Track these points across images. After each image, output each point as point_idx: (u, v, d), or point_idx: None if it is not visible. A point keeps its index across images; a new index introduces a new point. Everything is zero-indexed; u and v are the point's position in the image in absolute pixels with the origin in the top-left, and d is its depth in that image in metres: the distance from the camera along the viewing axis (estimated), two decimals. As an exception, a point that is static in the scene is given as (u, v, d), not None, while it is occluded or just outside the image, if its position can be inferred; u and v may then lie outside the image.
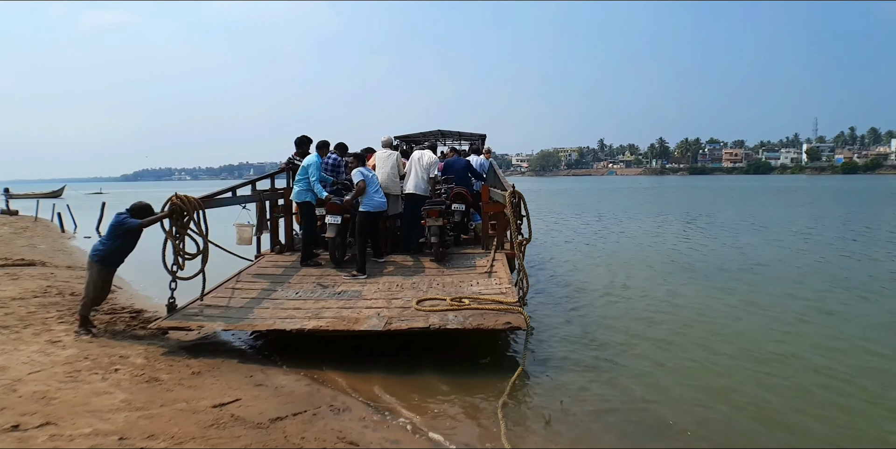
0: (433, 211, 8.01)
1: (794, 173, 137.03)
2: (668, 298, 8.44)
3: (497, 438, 3.98)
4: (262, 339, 6.31)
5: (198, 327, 5.70)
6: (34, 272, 9.57)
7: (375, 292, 6.74)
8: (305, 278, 7.39)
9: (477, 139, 14.18)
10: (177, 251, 6.09)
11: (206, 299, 6.35)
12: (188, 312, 5.99)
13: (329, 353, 5.74)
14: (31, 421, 3.61)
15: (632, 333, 6.62)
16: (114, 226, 5.96)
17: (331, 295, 6.63)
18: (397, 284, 7.07)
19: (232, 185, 8.06)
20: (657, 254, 12.89)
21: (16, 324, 6.04)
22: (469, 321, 5.57)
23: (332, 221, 7.71)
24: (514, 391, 4.78)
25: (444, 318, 5.67)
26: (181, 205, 6.08)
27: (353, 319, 5.70)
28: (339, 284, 7.12)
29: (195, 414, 3.96)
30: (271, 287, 6.96)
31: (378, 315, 5.79)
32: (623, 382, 5.13)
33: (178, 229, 6.11)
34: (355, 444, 3.75)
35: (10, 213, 25.42)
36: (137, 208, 6.07)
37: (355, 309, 6.08)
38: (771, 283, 9.39)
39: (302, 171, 7.93)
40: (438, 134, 14.15)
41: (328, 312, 5.95)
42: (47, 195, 46.82)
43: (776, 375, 5.30)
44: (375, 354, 5.69)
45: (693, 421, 4.34)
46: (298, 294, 6.68)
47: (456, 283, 7.08)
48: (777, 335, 6.50)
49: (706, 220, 21.60)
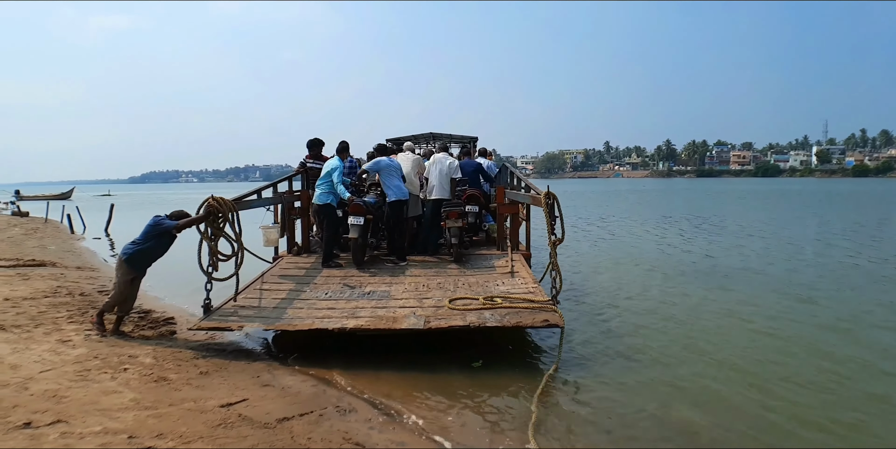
0: (453, 212, 8.18)
1: (804, 176, 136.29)
2: (689, 300, 8.43)
3: (505, 441, 4.01)
4: (269, 339, 6.37)
5: (238, 327, 5.71)
6: (45, 273, 9.66)
7: (404, 292, 6.82)
8: (330, 279, 7.45)
9: (468, 142, 14.16)
10: (212, 252, 6.13)
11: (237, 300, 6.41)
12: (224, 313, 6.03)
13: (336, 353, 5.79)
14: (43, 419, 3.66)
15: (657, 335, 6.63)
16: (150, 227, 5.96)
17: (360, 295, 6.70)
18: (424, 285, 7.16)
19: (257, 188, 8.16)
20: (668, 256, 12.86)
21: (27, 323, 6.11)
22: (507, 319, 5.70)
23: (356, 222, 7.82)
24: (544, 392, 4.80)
25: (481, 316, 5.77)
26: (218, 207, 6.14)
27: (391, 318, 5.78)
28: (366, 284, 7.20)
29: (203, 413, 4.00)
30: (298, 288, 7.02)
31: (414, 314, 5.87)
32: (654, 386, 5.08)
33: (214, 231, 6.17)
34: (361, 445, 3.78)
35: (21, 215, 25.63)
36: (176, 215, 6.12)
37: (390, 308, 6.15)
38: (791, 285, 9.33)
39: (325, 175, 8.03)
40: (430, 136, 14.19)
41: (364, 312, 6.03)
42: (57, 197, 47.10)
43: (813, 386, 5.13)
44: (382, 355, 5.73)
45: (720, 427, 4.30)
46: (328, 294, 6.75)
47: (481, 283, 7.19)
48: (810, 344, 6.39)
49: (726, 223, 21.51)
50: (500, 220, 9.09)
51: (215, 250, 6.15)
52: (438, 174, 8.79)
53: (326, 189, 8.00)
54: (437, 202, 8.76)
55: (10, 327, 5.88)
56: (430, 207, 8.84)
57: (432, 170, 8.87)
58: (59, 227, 21.09)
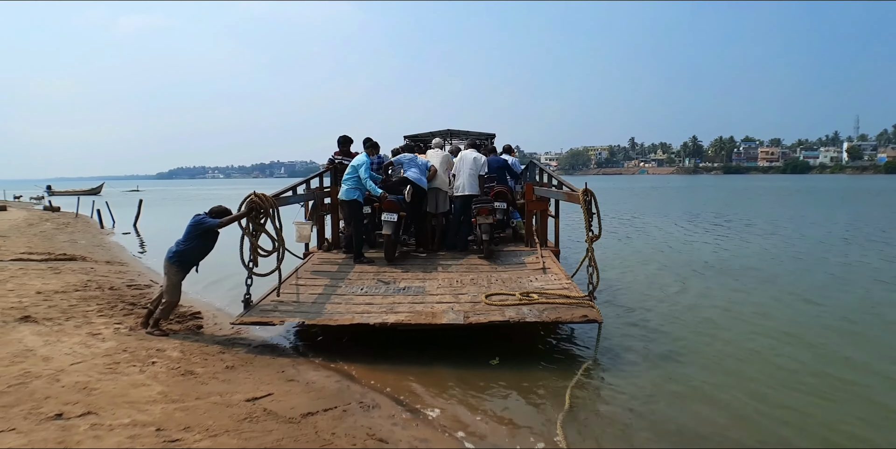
0: (484, 209, 8.22)
1: (834, 173, 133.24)
2: (721, 300, 8.29)
3: (529, 440, 3.99)
4: (294, 334, 6.43)
5: (279, 322, 5.76)
6: (75, 267, 9.85)
7: (439, 288, 6.85)
8: (364, 275, 7.51)
9: (485, 138, 14.14)
10: (253, 248, 6.17)
11: (277, 295, 6.47)
12: (264, 308, 6.08)
13: (360, 349, 5.83)
14: (74, 410, 3.72)
15: (690, 335, 6.54)
16: (192, 226, 5.96)
17: (396, 291, 6.74)
18: (457, 280, 7.19)
19: (292, 184, 8.29)
20: (697, 255, 12.68)
21: (58, 316, 6.24)
22: (545, 315, 5.73)
23: (389, 219, 7.92)
24: (576, 387, 4.80)
25: (520, 311, 5.80)
26: (260, 203, 6.20)
27: (430, 313, 5.83)
28: (400, 280, 7.24)
29: (229, 407, 4.04)
30: (333, 283, 7.07)
31: (452, 309, 5.92)
32: (686, 388, 4.98)
33: (256, 227, 6.22)
34: (385, 441, 3.78)
35: (53, 210, 26.22)
36: (217, 212, 6.12)
37: (427, 304, 6.19)
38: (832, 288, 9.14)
39: (351, 171, 8.07)
40: (447, 133, 14.19)
41: (402, 308, 6.06)
42: (87, 192, 48.08)
43: (851, 390, 4.98)
44: (404, 351, 5.74)
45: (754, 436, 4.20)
46: (364, 290, 6.80)
47: (514, 278, 7.21)
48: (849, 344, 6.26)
49: (755, 221, 21.17)
50: (529, 217, 9.11)
51: (256, 246, 6.20)
52: (467, 171, 8.77)
53: (353, 184, 8.04)
54: (466, 198, 8.77)
55: (43, 320, 6.01)
56: (459, 204, 8.85)
57: (460, 166, 8.86)
58: (89, 222, 21.51)
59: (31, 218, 20.52)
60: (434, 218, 9.17)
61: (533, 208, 8.94)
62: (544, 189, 9.00)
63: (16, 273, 8.60)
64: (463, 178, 8.76)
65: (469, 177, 8.74)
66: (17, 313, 6.14)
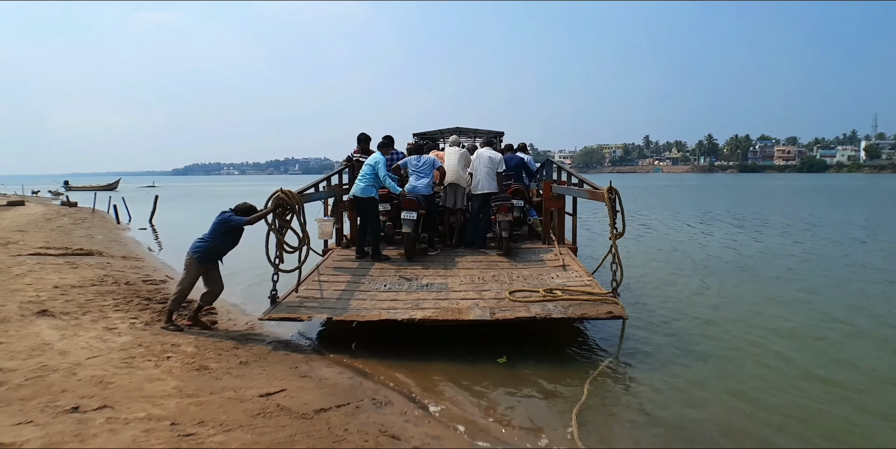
0: (504, 206, 8.26)
1: (851, 172, 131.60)
2: (737, 297, 8.28)
3: (541, 439, 3.99)
4: (308, 330, 6.45)
5: (307, 317, 5.78)
6: (92, 261, 9.95)
7: (461, 285, 6.87)
8: (385, 271, 7.53)
9: (493, 136, 14.13)
10: (279, 244, 6.19)
11: (299, 291, 6.50)
12: (290, 304, 6.11)
13: (373, 346, 5.83)
14: (90, 404, 3.76)
15: (709, 333, 6.53)
16: (218, 224, 5.99)
17: (419, 287, 6.78)
18: (479, 277, 7.21)
19: (314, 181, 8.31)
20: (713, 253, 12.58)
21: (75, 310, 6.30)
22: (570, 311, 5.78)
23: (409, 217, 7.98)
24: (594, 383, 4.81)
25: (545, 308, 5.85)
26: (286, 199, 6.22)
27: (456, 309, 5.85)
28: (422, 276, 7.27)
29: (242, 402, 4.07)
30: (355, 280, 7.10)
31: (477, 306, 5.95)
32: (707, 388, 4.93)
33: (282, 223, 6.24)
34: (397, 438, 3.79)
35: (70, 205, 26.48)
36: (242, 209, 6.14)
37: (452, 300, 6.22)
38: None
39: (368, 169, 8.06)
40: (456, 131, 14.18)
41: (427, 304, 6.09)
42: (103, 188, 48.50)
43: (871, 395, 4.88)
44: (417, 348, 5.74)
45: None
46: (387, 286, 6.82)
47: (535, 275, 7.23)
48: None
49: (770, 220, 20.97)
50: (547, 215, 9.15)
51: (282, 242, 6.21)
52: (484, 169, 8.76)
53: (369, 181, 8.02)
54: (484, 196, 8.76)
55: (60, 314, 6.07)
56: (478, 201, 8.86)
57: (477, 164, 8.85)
58: (105, 217, 21.73)
59: (48, 213, 20.75)
60: (452, 214, 9.21)
61: (550, 206, 8.98)
62: (563, 187, 9.02)
63: (34, 268, 8.70)
64: (481, 176, 8.75)
65: (487, 175, 8.73)
66: (34, 307, 6.22)
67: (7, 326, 5.50)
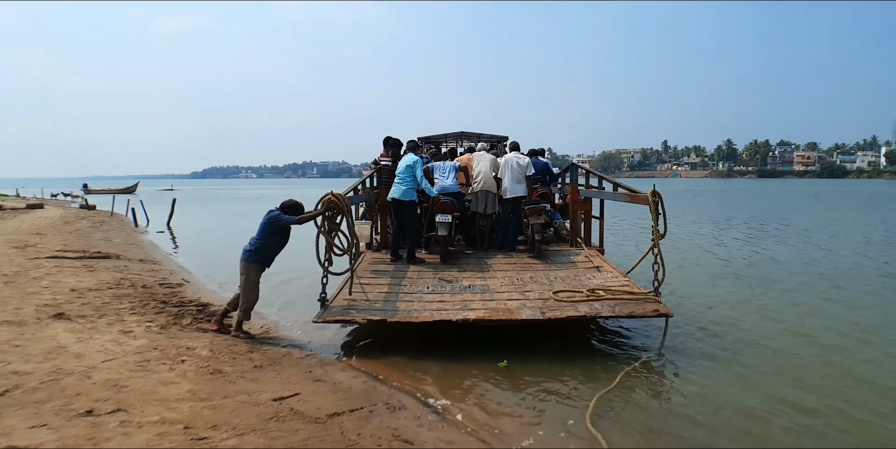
0: (535, 209, 8.36)
1: (871, 177, 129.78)
2: (769, 303, 8.17)
3: (558, 442, 3.92)
4: (323, 334, 6.44)
5: (362, 320, 5.76)
6: (109, 265, 10.03)
7: (502, 286, 6.93)
8: (423, 274, 7.55)
9: (497, 141, 14.12)
10: (329, 247, 6.18)
11: (342, 294, 6.50)
12: (340, 307, 6.11)
13: (389, 349, 5.81)
14: (104, 407, 3.75)
15: (744, 336, 6.49)
16: (266, 223, 5.93)
17: (461, 289, 6.82)
18: (517, 279, 7.27)
19: (353, 185, 8.39)
20: (739, 257, 12.41)
21: (91, 314, 6.33)
22: (618, 309, 5.94)
23: (444, 220, 8.08)
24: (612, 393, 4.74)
25: (593, 307, 6.01)
26: (337, 202, 6.20)
27: (505, 309, 5.94)
28: (461, 278, 7.31)
29: (256, 406, 4.04)
30: (395, 282, 7.11)
31: (525, 306, 6.03)
32: (739, 389, 4.92)
33: (331, 226, 6.23)
34: (410, 442, 3.75)
35: (89, 208, 26.82)
36: (290, 206, 6.08)
37: (498, 301, 6.29)
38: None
39: (407, 171, 8.07)
40: (460, 135, 14.16)
41: (475, 305, 6.15)
42: (122, 191, 49.12)
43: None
44: (429, 352, 5.71)
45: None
46: (431, 289, 6.85)
47: (572, 276, 7.35)
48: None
49: (794, 226, 20.70)
50: (574, 218, 9.33)
51: (332, 244, 6.21)
52: (514, 173, 8.95)
53: (410, 184, 8.05)
54: (515, 200, 8.93)
55: (76, 317, 6.10)
56: (509, 205, 9.03)
57: (506, 169, 9.03)
58: (123, 220, 21.93)
59: (67, 216, 21.01)
60: (483, 218, 9.32)
61: (577, 209, 9.18)
62: (595, 191, 9.26)
63: (51, 270, 8.78)
64: (511, 181, 8.93)
65: (516, 179, 8.93)
66: (51, 310, 6.26)
67: (23, 329, 5.53)
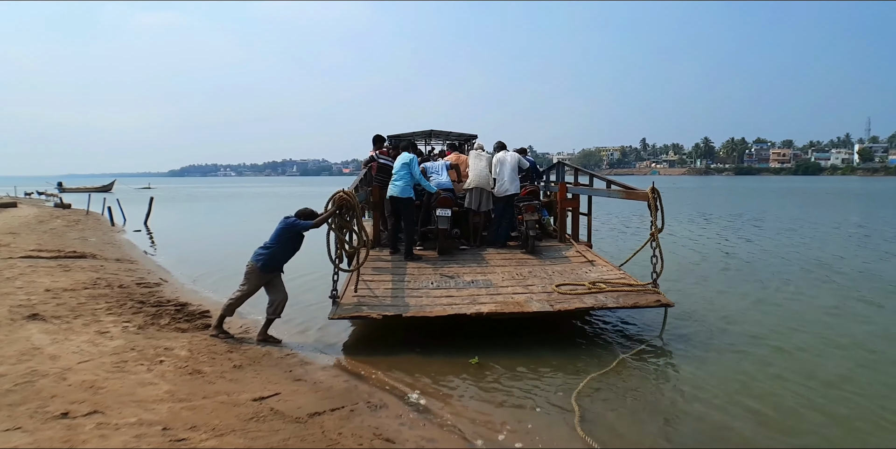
0: (530, 206, 8.61)
1: (845, 174, 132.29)
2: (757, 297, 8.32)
3: (536, 439, 3.94)
4: (303, 332, 6.41)
5: (378, 315, 5.74)
6: (85, 264, 9.88)
7: (504, 281, 7.04)
8: (423, 270, 7.59)
9: (465, 140, 14.15)
10: (341, 244, 6.20)
11: (349, 291, 6.48)
12: (351, 304, 6.09)
13: (370, 347, 5.81)
14: (80, 409, 3.71)
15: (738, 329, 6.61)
16: (283, 230, 5.89)
17: (466, 284, 6.90)
18: (517, 274, 7.39)
19: (354, 184, 8.40)
20: (724, 252, 12.57)
21: (67, 314, 6.24)
22: (622, 300, 6.18)
23: (443, 215, 8.23)
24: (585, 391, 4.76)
25: (597, 298, 6.22)
26: (349, 200, 6.21)
27: (515, 303, 6.08)
28: (462, 274, 7.38)
29: (236, 407, 4.02)
30: (398, 279, 7.13)
31: (533, 299, 6.18)
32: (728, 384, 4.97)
33: (343, 224, 6.24)
34: (391, 441, 3.75)
35: (64, 207, 26.35)
36: (305, 214, 6.09)
37: (505, 295, 6.42)
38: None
39: (405, 169, 8.12)
40: (429, 134, 14.19)
41: (483, 299, 6.26)
42: (98, 189, 48.31)
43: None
44: (412, 350, 5.72)
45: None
46: (435, 284, 6.90)
47: (568, 271, 7.54)
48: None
49: (771, 219, 21.00)
50: (563, 215, 9.58)
51: (343, 241, 6.24)
52: (508, 171, 9.13)
53: (408, 182, 8.11)
54: (509, 197, 9.12)
55: (51, 318, 6.01)
56: (502, 202, 9.21)
57: (500, 168, 9.21)
58: (99, 219, 21.58)
59: (41, 215, 20.64)
60: (476, 215, 9.43)
61: (566, 206, 9.44)
62: (585, 188, 9.53)
63: (25, 271, 8.63)
64: (505, 179, 9.10)
65: (510, 177, 9.11)
66: (25, 311, 6.16)
67: (-3, 329, 5.43)
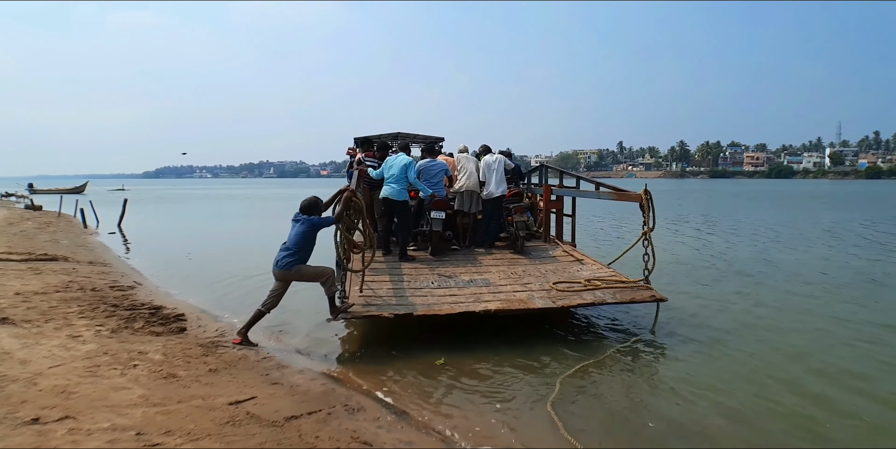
0: (519, 208, 8.83)
1: (816, 177, 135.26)
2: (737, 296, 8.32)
3: (514, 440, 3.97)
4: (278, 336, 6.36)
5: (389, 315, 5.73)
6: (56, 267, 9.70)
7: (502, 280, 7.16)
8: (420, 271, 7.61)
9: (433, 142, 14.14)
10: (350, 245, 6.21)
11: (354, 292, 6.45)
12: (357, 304, 6.06)
13: (348, 350, 5.80)
14: (51, 414, 3.64)
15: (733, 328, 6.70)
16: (308, 230, 5.75)
17: (465, 283, 6.99)
18: (512, 273, 7.51)
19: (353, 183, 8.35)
20: (700, 253, 12.72)
21: (37, 318, 6.12)
22: (619, 296, 6.42)
23: (438, 217, 8.34)
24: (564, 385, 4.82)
25: (596, 295, 6.42)
26: (357, 201, 6.19)
27: (518, 300, 6.24)
28: (458, 274, 7.44)
29: (211, 411, 3.98)
30: (397, 279, 7.14)
31: (534, 296, 6.36)
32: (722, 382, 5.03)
33: (350, 224, 6.22)
34: (369, 444, 3.75)
35: (35, 209, 25.83)
36: (311, 205, 5.91)
37: (506, 293, 6.57)
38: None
39: (401, 171, 8.09)
40: (396, 136, 14.19)
41: (487, 297, 6.39)
42: (70, 191, 47.45)
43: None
44: (390, 352, 5.72)
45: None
46: (436, 284, 6.95)
47: (560, 269, 7.72)
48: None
49: (747, 223, 21.32)
50: (547, 216, 9.76)
51: (352, 242, 6.24)
52: (495, 174, 9.25)
53: (404, 185, 8.12)
54: (497, 199, 9.30)
55: (21, 322, 5.89)
56: (490, 204, 9.33)
57: (487, 170, 9.31)
58: (72, 221, 21.17)
59: (11, 217, 20.22)
60: (465, 217, 9.52)
61: (551, 208, 9.63)
62: (572, 190, 9.70)
63: (-5, 273, 8.44)
64: (493, 181, 9.23)
65: (498, 180, 9.26)
66: (-6, 315, 6.03)
67: (-35, 334, 5.32)
